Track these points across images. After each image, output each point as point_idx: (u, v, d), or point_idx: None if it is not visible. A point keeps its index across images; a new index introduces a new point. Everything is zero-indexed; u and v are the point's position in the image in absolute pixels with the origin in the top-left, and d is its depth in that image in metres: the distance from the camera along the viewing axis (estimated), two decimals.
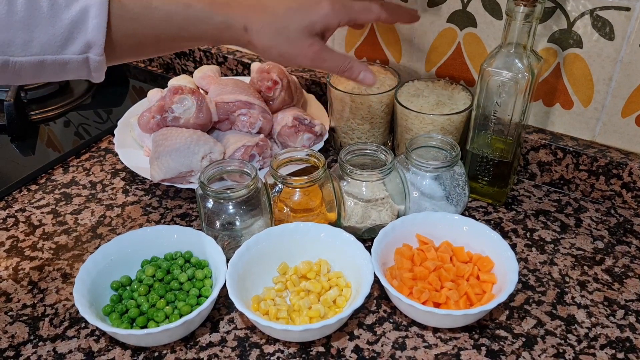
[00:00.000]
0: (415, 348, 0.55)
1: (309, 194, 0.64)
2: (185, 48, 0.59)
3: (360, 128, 0.76)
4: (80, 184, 0.78)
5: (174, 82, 0.82)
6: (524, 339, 0.56)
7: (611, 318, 0.58)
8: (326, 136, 0.79)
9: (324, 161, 0.63)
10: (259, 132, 0.76)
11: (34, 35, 0.50)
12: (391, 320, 0.58)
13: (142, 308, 0.57)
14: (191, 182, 0.72)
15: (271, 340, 0.56)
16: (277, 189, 0.63)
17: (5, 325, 0.58)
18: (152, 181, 0.74)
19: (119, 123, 0.82)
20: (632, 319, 0.58)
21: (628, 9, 0.63)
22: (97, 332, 0.57)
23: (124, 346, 0.56)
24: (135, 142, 0.80)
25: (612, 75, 0.67)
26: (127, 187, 0.77)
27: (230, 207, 0.62)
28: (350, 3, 0.61)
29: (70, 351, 0.56)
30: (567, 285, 0.62)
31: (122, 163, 0.79)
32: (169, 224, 0.70)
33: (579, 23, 0.66)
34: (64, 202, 0.75)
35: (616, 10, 0.63)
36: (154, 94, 0.83)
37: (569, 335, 0.57)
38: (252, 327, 0.58)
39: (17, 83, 0.54)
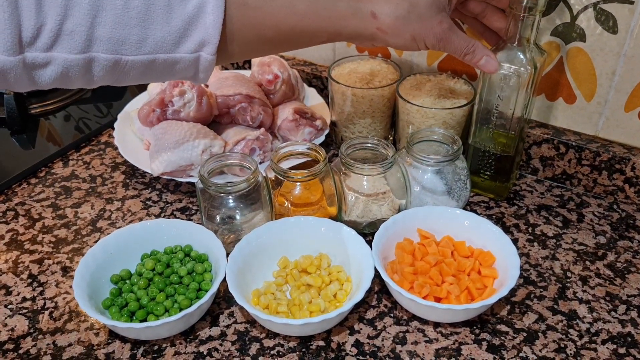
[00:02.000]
0: (415, 342, 0.55)
1: (310, 188, 0.64)
2: (302, 46, 0.57)
3: (362, 122, 0.76)
4: (80, 178, 0.78)
5: None
6: (525, 334, 0.56)
7: (613, 313, 0.58)
8: (327, 130, 0.79)
9: (324, 155, 0.63)
10: (259, 126, 0.76)
11: (149, 32, 0.46)
12: (392, 315, 0.58)
13: (141, 301, 0.57)
14: (191, 176, 0.72)
15: (271, 335, 0.56)
16: (277, 182, 0.63)
17: (5, 319, 0.58)
18: (152, 175, 0.74)
19: (119, 117, 0.82)
20: (633, 314, 0.58)
21: (632, 2, 0.62)
22: (96, 326, 0.57)
23: (124, 339, 0.56)
24: (135, 136, 0.80)
25: (615, 70, 0.67)
26: (127, 180, 0.77)
27: (231, 200, 0.62)
28: None
29: (70, 344, 0.56)
30: (568, 280, 0.62)
31: (122, 157, 0.78)
32: (168, 218, 0.69)
33: (582, 16, 0.65)
34: (64, 196, 0.74)
35: (620, 4, 0.63)
36: (154, 88, 0.83)
37: (571, 330, 0.56)
38: (252, 321, 0.57)
39: (121, 84, 0.50)
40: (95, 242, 0.62)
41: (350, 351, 0.54)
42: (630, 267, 0.63)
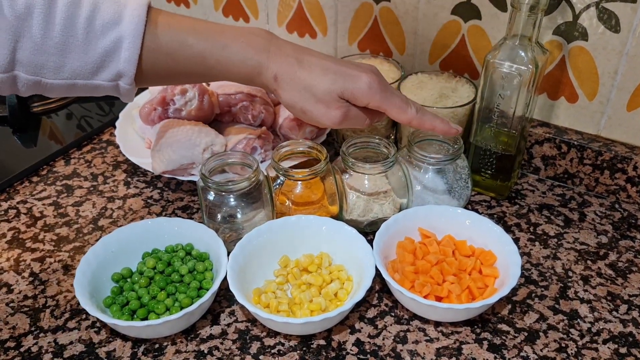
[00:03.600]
0: (416, 342, 0.55)
1: (311, 187, 0.64)
2: (215, 81, 0.60)
3: None
4: (81, 176, 0.78)
5: None
6: (526, 334, 0.56)
7: (614, 313, 0.58)
8: (329, 129, 0.79)
9: (326, 154, 0.63)
10: (261, 125, 0.76)
11: (66, 60, 0.50)
12: (393, 314, 0.58)
13: (142, 300, 0.57)
14: (192, 175, 0.72)
15: (272, 333, 0.56)
16: (278, 181, 0.63)
17: (7, 317, 0.58)
18: (153, 173, 0.74)
19: (120, 115, 0.82)
20: (635, 313, 0.58)
21: (634, 1, 0.62)
22: (97, 324, 0.57)
23: (125, 338, 0.56)
24: (136, 134, 0.80)
25: (618, 69, 0.66)
26: (129, 179, 0.77)
27: (232, 199, 0.62)
28: (391, 94, 0.58)
29: (71, 342, 0.56)
30: (570, 279, 0.62)
31: (124, 155, 0.78)
32: (170, 216, 0.69)
33: (585, 15, 0.65)
34: (66, 194, 0.75)
35: (622, 2, 0.62)
36: (156, 86, 0.82)
37: (572, 330, 0.56)
38: (252, 320, 0.57)
39: (50, 96, 0.55)
40: (97, 240, 0.62)
41: (351, 350, 0.54)
42: (632, 267, 0.63)
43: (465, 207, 0.69)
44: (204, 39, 0.54)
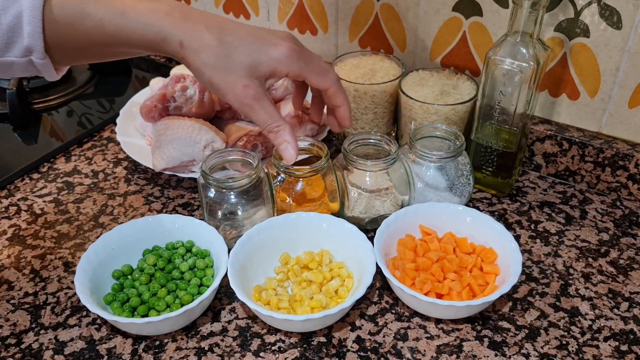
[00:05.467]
0: (417, 339, 0.55)
1: (312, 184, 0.64)
2: (132, 55, 0.58)
3: (364, 118, 0.76)
4: (82, 173, 0.78)
5: (176, 70, 0.81)
6: (527, 331, 0.56)
7: (615, 310, 0.58)
8: (328, 127, 0.79)
9: (327, 151, 0.62)
10: None
11: None
12: (393, 311, 0.58)
13: (143, 297, 0.57)
14: (193, 172, 0.72)
15: (272, 330, 0.56)
16: (279, 178, 0.63)
17: (7, 313, 0.58)
18: (154, 170, 0.74)
19: (121, 112, 0.82)
20: (636, 311, 0.58)
21: None
22: (98, 321, 0.57)
23: (125, 335, 0.56)
24: (137, 131, 0.80)
25: (619, 66, 0.66)
26: (129, 176, 0.77)
27: (232, 196, 0.62)
28: (310, 59, 0.56)
29: (72, 339, 0.56)
30: (571, 277, 0.62)
31: (124, 152, 0.78)
32: (170, 213, 0.69)
33: (586, 12, 0.65)
34: (66, 191, 0.75)
35: None
36: (156, 83, 0.82)
37: (573, 327, 0.56)
38: (253, 317, 0.57)
39: None
40: (97, 237, 0.62)
41: (351, 347, 0.54)
42: (633, 264, 0.63)
43: (467, 205, 0.68)
44: (103, 7, 0.52)
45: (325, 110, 0.65)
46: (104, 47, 0.55)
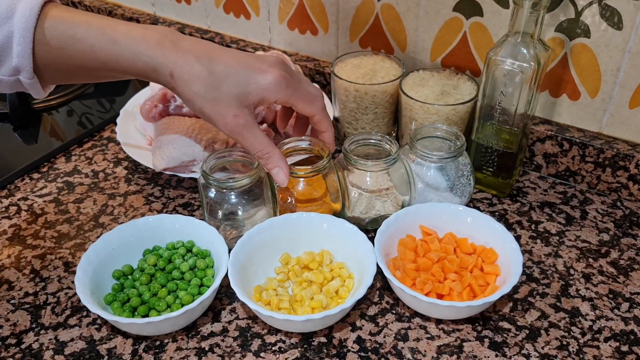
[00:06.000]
0: (417, 339, 0.55)
1: (313, 184, 0.63)
2: (122, 79, 0.58)
3: (364, 118, 0.76)
4: (82, 173, 0.78)
5: None
6: (527, 331, 0.56)
7: (616, 311, 0.58)
8: None
9: (328, 151, 0.62)
10: (262, 122, 0.75)
11: None
12: (394, 312, 0.58)
13: (143, 297, 0.57)
14: (193, 172, 0.72)
15: (273, 331, 0.56)
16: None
17: (8, 313, 0.58)
18: (154, 170, 0.74)
19: (121, 112, 0.82)
20: (636, 311, 0.58)
21: None
22: (98, 321, 0.57)
23: (126, 335, 0.56)
24: (137, 131, 0.80)
25: (620, 66, 0.66)
26: (130, 176, 0.77)
27: (233, 196, 0.62)
28: (298, 85, 0.56)
29: (72, 339, 0.56)
30: (571, 277, 0.62)
31: (125, 152, 0.78)
32: (171, 214, 0.69)
33: (587, 12, 0.65)
34: (66, 191, 0.74)
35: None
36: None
37: (573, 328, 0.56)
38: (253, 317, 0.57)
39: None
40: (98, 237, 0.62)
41: (352, 347, 0.54)
42: (634, 265, 0.63)
43: (467, 205, 0.68)
44: (95, 33, 0.52)
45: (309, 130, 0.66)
46: (93, 71, 0.55)
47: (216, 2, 0.96)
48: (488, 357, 0.53)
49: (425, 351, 0.54)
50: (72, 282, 0.62)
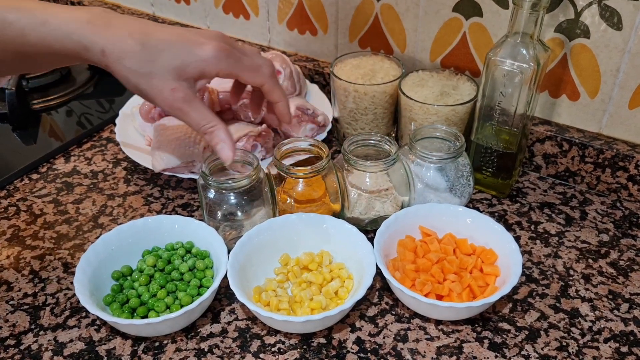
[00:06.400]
0: (417, 340, 0.55)
1: (312, 185, 0.63)
2: (63, 65, 0.56)
3: (364, 118, 0.76)
4: (81, 174, 0.78)
5: None
6: (527, 332, 0.56)
7: (615, 311, 0.58)
8: (329, 127, 0.79)
9: (327, 151, 0.62)
10: (261, 123, 0.75)
11: None
12: (393, 312, 0.58)
13: (142, 298, 0.57)
14: (193, 172, 0.71)
15: (272, 332, 0.56)
16: (280, 179, 0.63)
17: (7, 314, 0.58)
18: (153, 171, 0.73)
19: (120, 112, 0.82)
20: (636, 312, 0.58)
21: None
22: (97, 322, 0.57)
23: (125, 336, 0.56)
24: (137, 132, 0.79)
25: (620, 66, 0.66)
26: (129, 176, 0.77)
27: (232, 197, 0.61)
28: (240, 56, 0.54)
29: (71, 340, 0.56)
30: (571, 278, 0.62)
31: (124, 153, 0.78)
32: (170, 214, 0.69)
33: (587, 13, 0.65)
34: (66, 192, 0.74)
35: (624, 0, 0.62)
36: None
37: (573, 329, 0.56)
38: (253, 318, 0.57)
39: None
40: (97, 238, 0.62)
41: (351, 348, 0.54)
42: (633, 265, 0.63)
43: (467, 205, 0.68)
44: (25, 16, 0.51)
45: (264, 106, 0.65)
46: (28, 57, 0.54)
47: (215, 2, 0.96)
48: (488, 358, 0.53)
49: (424, 352, 0.54)
50: (71, 283, 0.61)
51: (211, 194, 0.61)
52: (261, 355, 0.54)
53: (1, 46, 0.52)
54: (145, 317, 0.56)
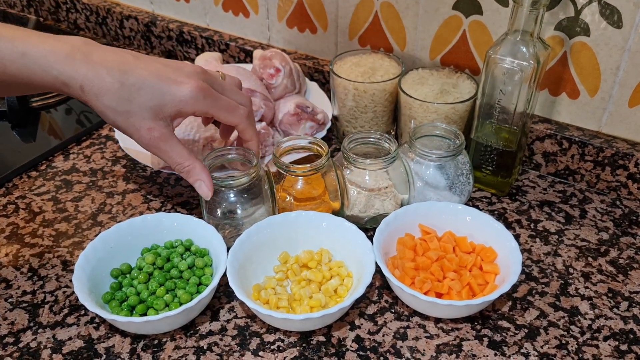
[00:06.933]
0: (416, 338, 0.55)
1: (312, 183, 0.63)
2: (35, 92, 0.56)
3: (363, 116, 0.75)
4: (80, 171, 0.77)
5: None
6: (526, 330, 0.56)
7: (615, 310, 0.58)
8: (329, 125, 0.79)
9: (327, 149, 0.62)
10: (260, 120, 0.75)
11: None
12: (393, 310, 0.58)
13: (141, 296, 0.57)
14: None
15: (271, 330, 0.56)
16: (280, 177, 0.63)
17: (5, 312, 0.58)
18: (152, 169, 0.73)
19: None
20: (636, 310, 0.58)
21: None
22: (96, 320, 0.57)
23: (124, 334, 0.56)
24: None
25: (620, 65, 0.66)
26: (128, 174, 0.77)
27: (231, 195, 0.61)
28: (217, 95, 0.54)
29: (70, 338, 0.55)
30: (570, 276, 0.61)
31: (123, 150, 0.78)
32: (169, 212, 0.69)
33: (587, 11, 0.65)
34: (65, 189, 0.74)
35: None
36: None
37: (572, 327, 0.56)
38: (252, 316, 0.57)
39: None
40: (96, 235, 0.61)
41: (350, 346, 0.54)
42: (633, 264, 0.63)
43: (466, 204, 0.68)
44: (5, 45, 0.50)
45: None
46: (9, 86, 0.53)
47: (215, 0, 0.96)
48: (487, 356, 0.53)
49: (424, 350, 0.54)
50: (70, 280, 0.61)
51: None
52: (260, 353, 0.54)
53: None
54: (144, 315, 0.56)
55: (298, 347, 0.54)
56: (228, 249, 0.57)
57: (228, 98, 0.56)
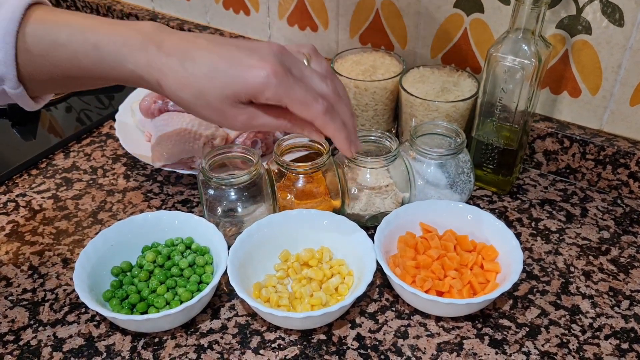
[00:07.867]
0: (417, 337, 0.55)
1: (313, 181, 0.63)
2: (110, 84, 0.53)
3: (364, 115, 0.75)
4: (81, 169, 0.77)
5: None
6: (527, 329, 0.56)
7: (616, 308, 0.58)
8: None
9: (328, 147, 0.62)
10: None
11: None
12: (393, 309, 0.58)
13: (142, 294, 0.57)
14: (193, 168, 0.71)
15: (272, 328, 0.56)
16: (280, 175, 0.63)
17: (6, 310, 0.58)
18: (153, 167, 0.73)
19: (120, 108, 0.82)
20: (637, 309, 0.57)
21: None
22: (97, 318, 0.57)
23: (124, 332, 0.56)
24: (136, 128, 0.79)
25: (621, 63, 0.66)
26: (128, 172, 0.77)
27: (232, 193, 0.61)
28: (292, 83, 0.48)
29: (71, 336, 0.55)
30: (571, 275, 0.61)
31: (123, 148, 0.78)
32: (170, 210, 0.69)
33: (588, 9, 0.65)
34: (65, 187, 0.74)
35: None
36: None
37: (573, 326, 0.56)
38: (253, 314, 0.57)
39: None
40: (96, 233, 0.61)
41: (351, 345, 0.54)
42: (634, 262, 0.63)
43: (467, 202, 0.68)
44: (76, 37, 0.48)
45: None
46: (82, 80, 0.51)
47: None
48: (488, 354, 0.53)
49: (425, 348, 0.54)
50: (71, 278, 0.61)
51: (211, 190, 0.61)
52: (261, 352, 0.54)
53: (54, 69, 0.49)
54: (145, 313, 0.56)
55: (299, 346, 0.54)
56: (229, 247, 0.57)
57: (307, 86, 0.49)
